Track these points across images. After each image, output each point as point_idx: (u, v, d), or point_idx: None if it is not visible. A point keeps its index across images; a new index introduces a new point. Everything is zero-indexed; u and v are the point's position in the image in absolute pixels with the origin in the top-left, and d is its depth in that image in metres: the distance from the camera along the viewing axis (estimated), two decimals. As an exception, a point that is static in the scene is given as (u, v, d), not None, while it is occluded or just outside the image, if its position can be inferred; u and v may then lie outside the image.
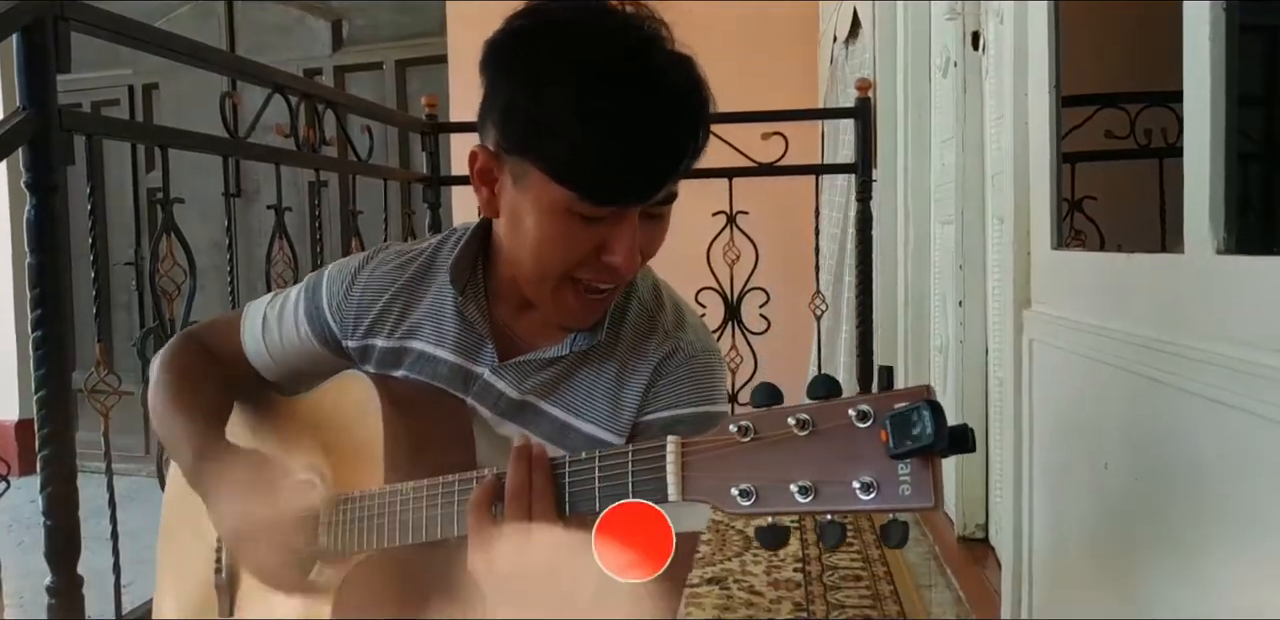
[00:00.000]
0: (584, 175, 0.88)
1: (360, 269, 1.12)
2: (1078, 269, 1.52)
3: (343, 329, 1.12)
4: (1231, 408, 1.00)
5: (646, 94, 0.87)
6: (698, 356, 1.04)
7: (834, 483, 0.66)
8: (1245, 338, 0.98)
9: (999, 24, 2.07)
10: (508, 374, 1.05)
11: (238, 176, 2.15)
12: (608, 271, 0.94)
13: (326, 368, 1.13)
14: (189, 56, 1.94)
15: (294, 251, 2.34)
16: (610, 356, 1.04)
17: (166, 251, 1.84)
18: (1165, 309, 1.19)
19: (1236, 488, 1.01)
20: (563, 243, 0.93)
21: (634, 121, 0.86)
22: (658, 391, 1.03)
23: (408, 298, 1.10)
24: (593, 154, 0.87)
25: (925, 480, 0.64)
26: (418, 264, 1.11)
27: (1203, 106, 1.05)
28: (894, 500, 0.65)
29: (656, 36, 0.92)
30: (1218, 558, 1.04)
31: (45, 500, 1.51)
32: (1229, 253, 1.02)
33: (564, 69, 0.87)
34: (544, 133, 0.88)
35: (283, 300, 1.17)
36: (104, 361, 1.70)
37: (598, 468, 0.79)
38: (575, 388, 1.04)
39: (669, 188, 0.92)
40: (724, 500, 0.71)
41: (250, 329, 1.17)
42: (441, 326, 1.08)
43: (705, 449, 0.72)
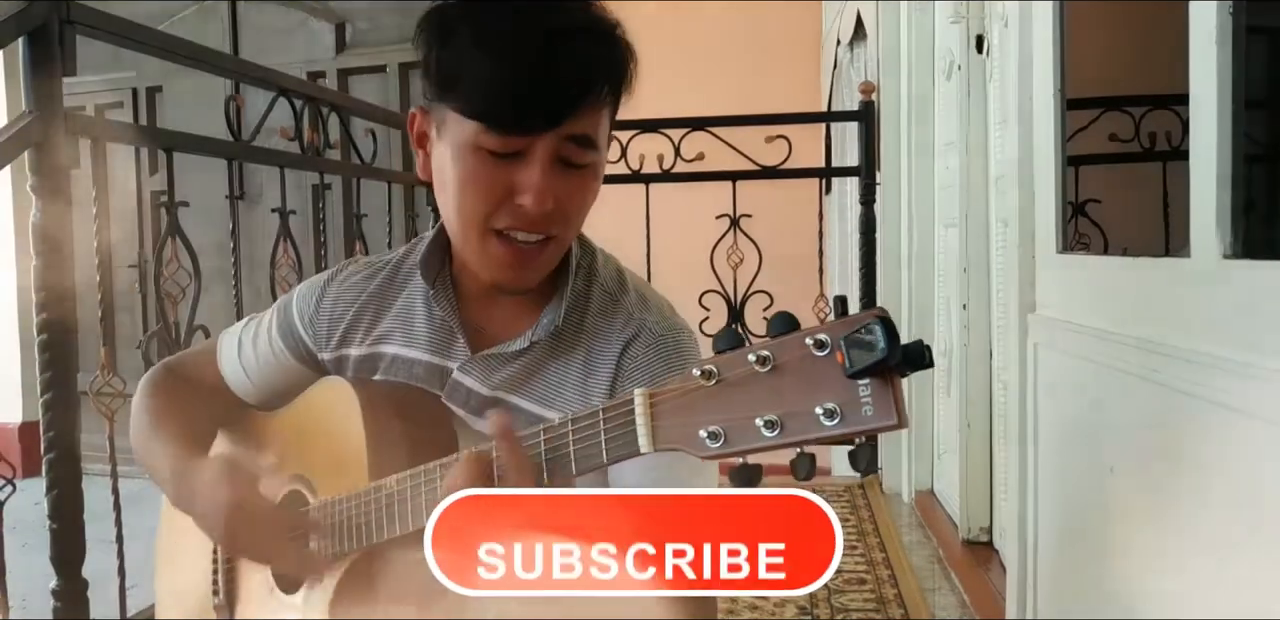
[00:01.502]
0: (483, 101, 0.91)
1: (329, 282, 1.14)
2: (1083, 272, 1.52)
3: (316, 342, 1.13)
4: (1237, 411, 1.00)
5: (544, 24, 0.90)
6: (664, 335, 1.03)
7: (798, 414, 0.65)
8: (1251, 342, 0.98)
9: (1003, 27, 2.07)
10: (475, 370, 1.04)
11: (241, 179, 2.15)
12: (522, 216, 0.94)
13: (306, 384, 1.13)
14: (193, 60, 1.94)
15: (298, 254, 2.34)
16: (576, 344, 1.04)
17: (171, 255, 1.84)
18: (1171, 313, 1.19)
19: (1242, 491, 1.00)
20: (475, 183, 0.94)
21: (528, 47, 0.89)
22: (629, 374, 1.02)
23: (377, 305, 1.11)
24: (489, 80, 0.90)
25: (886, 398, 0.63)
26: (385, 272, 1.12)
27: (1209, 110, 1.05)
28: (858, 422, 0.64)
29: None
30: (1223, 561, 1.04)
31: (51, 503, 1.51)
32: (1235, 257, 1.02)
33: (470, 14, 0.92)
34: (451, 70, 0.93)
35: (256, 323, 1.19)
36: (109, 364, 1.70)
37: (571, 431, 0.79)
38: (545, 380, 1.04)
39: (575, 121, 0.91)
40: (694, 444, 0.70)
41: (227, 355, 1.19)
42: (412, 327, 1.08)
43: (673, 397, 0.72)
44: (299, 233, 2.38)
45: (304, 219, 2.71)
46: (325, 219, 2.58)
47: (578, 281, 1.05)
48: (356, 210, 2.80)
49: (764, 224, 3.13)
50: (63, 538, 1.52)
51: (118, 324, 1.76)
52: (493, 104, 0.90)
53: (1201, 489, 1.09)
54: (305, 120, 2.34)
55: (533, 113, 0.90)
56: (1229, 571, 1.03)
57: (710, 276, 3.10)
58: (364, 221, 2.79)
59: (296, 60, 4.78)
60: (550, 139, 0.91)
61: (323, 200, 2.55)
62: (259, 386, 1.18)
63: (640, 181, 3.13)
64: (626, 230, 3.06)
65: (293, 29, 4.96)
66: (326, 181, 2.54)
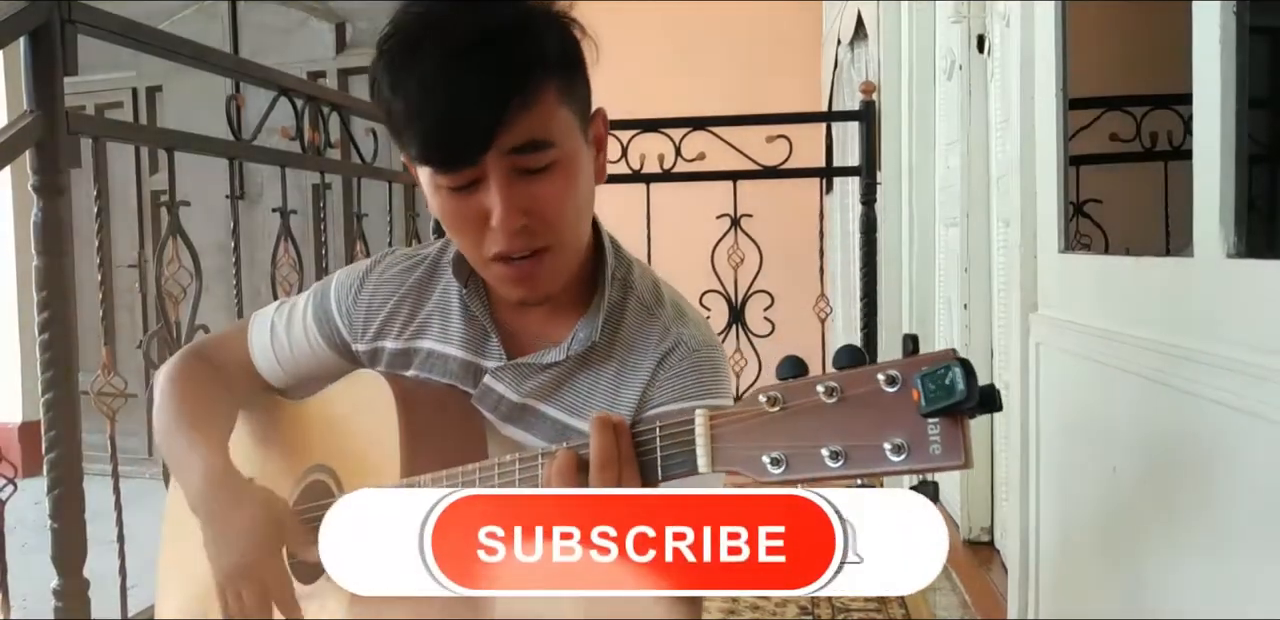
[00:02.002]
0: (416, 147, 0.91)
1: (368, 272, 1.13)
2: (1085, 272, 1.52)
3: (352, 332, 1.12)
4: (1240, 411, 1.00)
5: (445, 46, 0.88)
6: (700, 350, 1.03)
7: (864, 446, 0.66)
8: (1254, 341, 0.98)
9: (1004, 26, 2.07)
10: (507, 377, 1.04)
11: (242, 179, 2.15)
12: (501, 238, 0.93)
13: (336, 372, 1.13)
14: (194, 59, 1.94)
15: (299, 254, 2.34)
16: (609, 356, 1.04)
17: (172, 254, 1.84)
18: (1174, 312, 1.19)
19: (1245, 492, 1.00)
20: (453, 219, 0.95)
21: (431, 79, 0.88)
22: (660, 385, 1.02)
23: (415, 299, 1.10)
24: (410, 124, 0.90)
25: (955, 439, 0.64)
26: (424, 266, 1.12)
27: (1212, 110, 1.05)
28: (925, 460, 0.64)
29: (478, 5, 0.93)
30: (1227, 562, 1.04)
31: (52, 503, 1.51)
32: (1239, 256, 1.02)
33: (384, 58, 0.92)
34: (388, 121, 0.93)
35: (290, 308, 1.18)
36: (110, 364, 1.70)
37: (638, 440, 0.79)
38: (575, 389, 1.04)
39: (511, 132, 0.89)
40: (755, 468, 0.70)
41: (258, 338, 1.18)
42: (448, 324, 1.08)
43: (734, 420, 0.72)
44: (300, 232, 2.38)
45: (305, 218, 2.71)
46: (326, 218, 2.57)
47: (613, 293, 1.05)
48: (357, 210, 2.80)
49: (765, 224, 3.13)
50: (64, 537, 1.52)
51: (118, 323, 1.76)
52: (422, 147, 0.91)
53: (1205, 489, 1.09)
54: (306, 120, 2.34)
55: (458, 145, 0.89)
56: (1233, 572, 1.03)
57: (711, 276, 3.10)
58: (365, 221, 2.79)
59: (297, 60, 4.77)
60: (494, 158, 0.90)
61: (323, 200, 2.55)
62: (288, 371, 1.17)
63: (641, 181, 3.13)
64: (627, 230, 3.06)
65: (293, 28, 4.96)
66: (327, 181, 2.53)
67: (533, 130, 0.90)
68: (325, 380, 1.14)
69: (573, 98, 0.95)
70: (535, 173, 0.92)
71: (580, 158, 0.96)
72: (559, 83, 0.92)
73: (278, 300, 1.23)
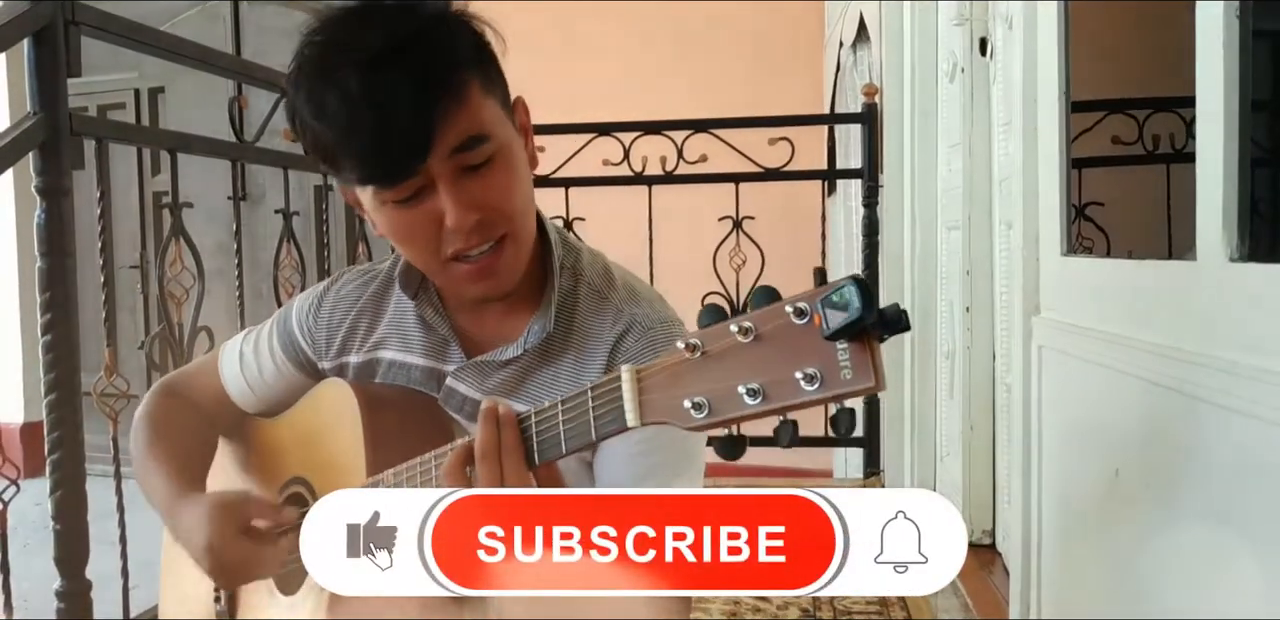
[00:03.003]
0: (357, 168, 0.91)
1: (325, 292, 1.14)
2: (1087, 275, 1.52)
3: (316, 352, 1.13)
4: (1242, 414, 1.00)
5: (350, 70, 0.88)
6: (654, 328, 1.03)
7: (779, 381, 0.66)
8: (1257, 345, 0.98)
9: (1007, 29, 2.07)
10: (468, 376, 1.05)
11: (244, 180, 2.15)
12: (459, 236, 0.94)
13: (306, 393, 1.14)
14: (197, 60, 1.94)
15: (301, 255, 2.34)
16: (567, 345, 1.03)
17: (174, 255, 1.84)
18: (1176, 316, 1.18)
19: (1248, 495, 1.00)
20: (407, 231, 0.95)
21: (351, 102, 0.87)
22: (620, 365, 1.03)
23: (373, 312, 1.11)
24: (340, 149, 0.90)
25: (864, 361, 0.63)
26: (379, 280, 1.13)
27: (1215, 114, 1.05)
28: (837, 386, 0.64)
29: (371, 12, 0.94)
30: (1229, 566, 1.04)
31: (54, 504, 1.51)
32: (1242, 260, 1.02)
33: (298, 85, 0.92)
34: (315, 150, 0.94)
35: (256, 335, 1.19)
36: (112, 365, 1.70)
37: (560, 412, 0.80)
38: (538, 382, 1.04)
39: (446, 138, 0.89)
40: (680, 416, 0.70)
41: (229, 367, 1.19)
42: (407, 333, 1.09)
43: (659, 371, 0.72)
44: (302, 233, 2.38)
45: (307, 220, 2.71)
46: (328, 220, 2.58)
47: (563, 282, 1.05)
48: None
49: (767, 226, 3.13)
50: (66, 538, 1.52)
51: (121, 325, 1.76)
52: (362, 167, 0.90)
53: (1206, 492, 1.09)
54: (309, 121, 2.34)
55: (398, 157, 0.89)
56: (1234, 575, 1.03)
57: (713, 278, 3.10)
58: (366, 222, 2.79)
59: (299, 62, 4.77)
60: (436, 163, 0.90)
61: (326, 201, 2.56)
62: (261, 397, 1.18)
63: (643, 183, 3.13)
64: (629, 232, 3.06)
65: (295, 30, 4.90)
66: (329, 182, 2.54)
67: (467, 127, 0.91)
68: (298, 401, 1.15)
69: (495, 90, 0.96)
70: (478, 168, 0.93)
71: (515, 147, 0.97)
72: (479, 77, 0.93)
73: (244, 329, 1.23)
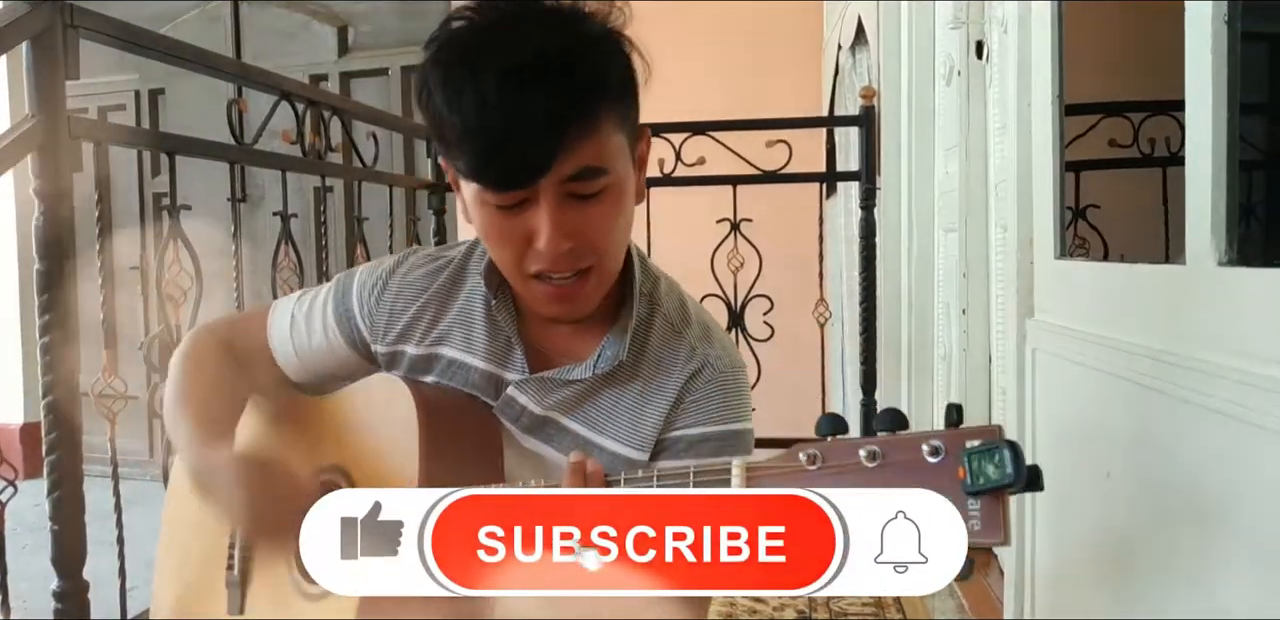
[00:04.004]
0: (469, 165, 0.90)
1: (391, 274, 1.12)
2: (1081, 278, 1.52)
3: (373, 334, 1.11)
4: (1233, 418, 1.00)
5: (506, 64, 0.87)
6: (726, 373, 1.04)
7: None
8: (1246, 349, 0.98)
9: (1003, 33, 2.08)
10: (530, 389, 1.04)
11: (243, 182, 2.16)
12: (545, 259, 0.94)
13: (354, 371, 1.13)
14: (196, 63, 1.94)
15: (299, 257, 2.35)
16: (635, 374, 1.03)
17: (173, 257, 1.84)
18: (1167, 319, 1.19)
19: (1238, 498, 1.01)
20: (497, 235, 0.95)
21: (493, 102, 0.87)
22: (685, 408, 1.02)
23: (439, 305, 1.09)
24: (466, 143, 0.89)
25: (995, 516, 0.65)
26: (450, 270, 1.11)
27: (1204, 118, 1.06)
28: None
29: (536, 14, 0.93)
30: (1220, 567, 1.05)
31: (52, 505, 1.51)
32: (1230, 264, 1.03)
33: (439, 70, 0.91)
34: (437, 134, 0.93)
35: (310, 299, 1.16)
36: (110, 367, 1.70)
37: (655, 482, 0.79)
38: (598, 405, 1.04)
39: (567, 159, 0.89)
40: None
41: (277, 327, 1.16)
42: (472, 333, 1.07)
43: (771, 473, 0.72)
44: (300, 236, 2.39)
45: (305, 222, 2.72)
46: (327, 222, 2.58)
47: (641, 309, 1.05)
48: (358, 213, 2.80)
49: (764, 228, 3.13)
50: (64, 539, 1.52)
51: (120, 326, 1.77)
52: (476, 166, 0.90)
53: (1197, 495, 1.10)
54: (307, 123, 2.35)
55: (515, 169, 0.89)
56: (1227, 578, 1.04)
57: (710, 280, 3.10)
58: (365, 225, 2.80)
59: (299, 63, 4.78)
60: (548, 184, 0.90)
61: (324, 203, 2.56)
62: (305, 364, 1.16)
63: (641, 185, 3.13)
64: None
65: (295, 32, 4.97)
66: (328, 185, 2.54)
67: (590, 158, 0.90)
68: (341, 378, 1.14)
69: (628, 123, 0.95)
70: (586, 198, 0.92)
71: (629, 183, 0.96)
72: (617, 110, 0.92)
73: (298, 291, 1.21)
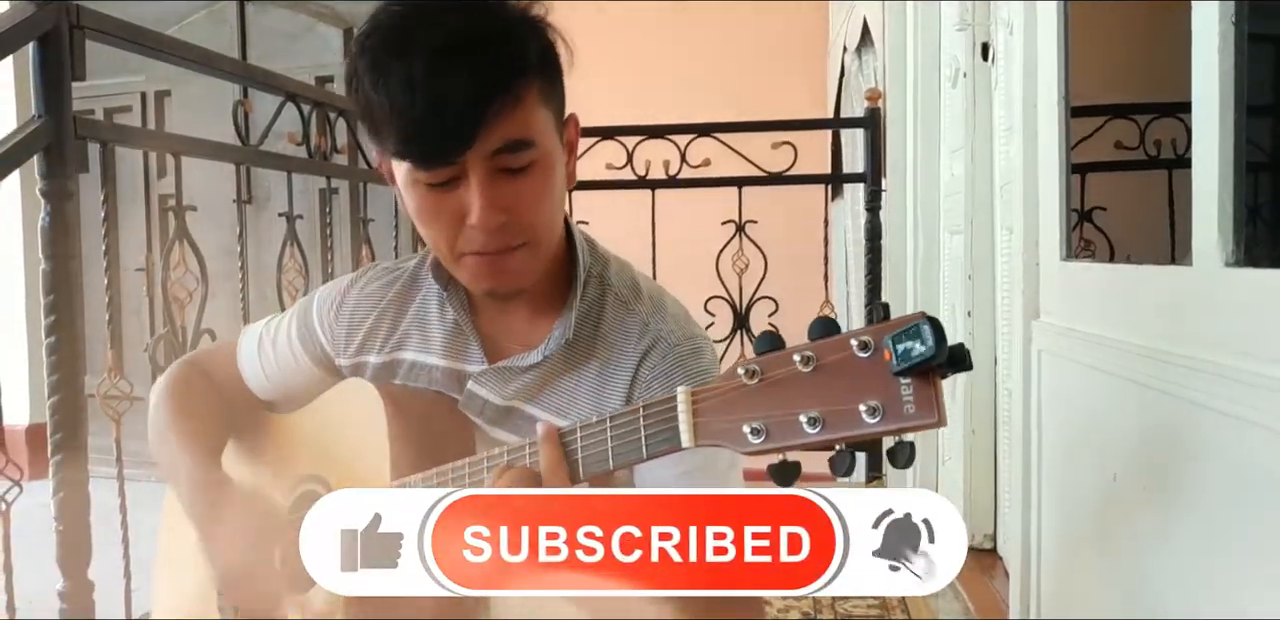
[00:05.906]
0: (396, 142, 0.92)
1: (349, 288, 1.15)
2: (1087, 280, 1.52)
3: (335, 348, 1.14)
4: (1240, 420, 1.00)
5: (428, 45, 0.89)
6: (680, 344, 1.04)
7: (841, 410, 0.67)
8: (1253, 350, 0.98)
9: (1008, 35, 2.08)
10: (489, 381, 1.05)
11: (249, 183, 2.16)
12: (478, 236, 0.95)
13: (321, 388, 1.15)
14: (202, 64, 1.95)
15: (305, 259, 2.35)
16: (590, 355, 1.04)
17: (179, 258, 1.85)
18: (1173, 321, 1.19)
19: (1245, 500, 1.01)
20: (430, 214, 0.96)
21: (415, 79, 0.88)
22: (647, 383, 1.03)
23: (395, 312, 1.12)
24: (392, 121, 0.90)
25: (927, 397, 0.65)
26: (403, 279, 1.13)
27: (1211, 119, 1.06)
28: (899, 420, 0.66)
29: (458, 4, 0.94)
30: (1226, 570, 1.04)
31: (57, 505, 1.52)
32: (1237, 265, 1.03)
33: (365, 55, 0.93)
34: (365, 116, 0.94)
35: (277, 324, 1.20)
36: (116, 367, 1.71)
37: (609, 428, 0.80)
38: (559, 389, 1.05)
39: (492, 132, 0.90)
40: (736, 440, 0.72)
41: (246, 353, 1.20)
42: (428, 333, 1.09)
43: (715, 394, 0.73)
44: (306, 237, 2.39)
45: (311, 223, 2.72)
46: (332, 223, 2.58)
47: (589, 291, 1.05)
48: (363, 215, 2.81)
49: (769, 230, 3.13)
50: (69, 539, 1.53)
51: (125, 327, 1.77)
52: (403, 143, 0.91)
53: (1204, 496, 1.09)
54: (313, 125, 2.35)
55: (441, 143, 0.90)
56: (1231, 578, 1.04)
57: (716, 282, 3.10)
58: (371, 226, 2.80)
59: (305, 64, 4.78)
60: (476, 158, 0.91)
61: (330, 205, 2.56)
62: (276, 386, 1.19)
63: (646, 187, 3.13)
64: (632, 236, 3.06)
65: (301, 33, 4.98)
66: (334, 186, 2.55)
67: (515, 130, 0.92)
68: (311, 395, 1.16)
69: (552, 100, 0.97)
70: (515, 172, 0.94)
71: (556, 158, 0.98)
72: (540, 85, 0.95)
73: (267, 317, 1.24)
